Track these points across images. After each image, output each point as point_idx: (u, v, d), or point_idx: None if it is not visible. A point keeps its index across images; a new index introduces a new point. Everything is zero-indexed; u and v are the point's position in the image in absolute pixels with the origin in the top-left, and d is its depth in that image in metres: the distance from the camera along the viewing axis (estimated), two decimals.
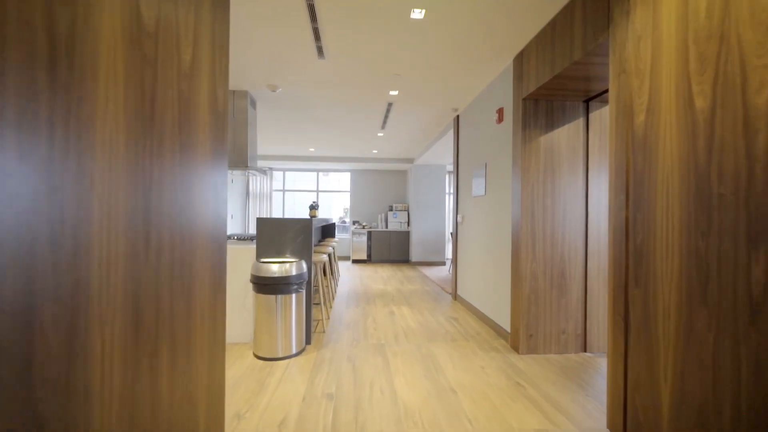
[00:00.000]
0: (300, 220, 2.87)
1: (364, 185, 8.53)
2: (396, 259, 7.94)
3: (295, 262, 2.68)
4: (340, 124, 4.94)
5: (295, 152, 7.07)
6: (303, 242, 2.87)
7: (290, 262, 2.70)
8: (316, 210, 4.67)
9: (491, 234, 3.32)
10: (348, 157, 7.53)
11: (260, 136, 5.64)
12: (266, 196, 8.14)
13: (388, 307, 4.05)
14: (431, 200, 7.61)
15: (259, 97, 3.83)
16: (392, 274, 6.47)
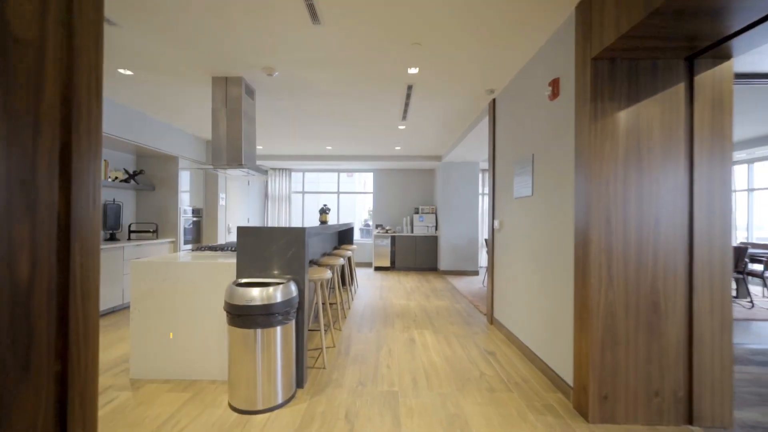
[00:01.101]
0: (291, 229, 2.26)
1: (387, 186, 7.88)
2: (422, 267, 7.20)
3: (282, 285, 2.07)
4: (354, 115, 4.32)
5: (311, 151, 6.57)
6: (295, 256, 2.26)
7: (275, 284, 2.10)
8: (326, 214, 4.08)
9: (541, 247, 2.53)
10: (369, 156, 6.91)
11: (270, 133, 5.16)
12: (285, 198, 7.73)
13: (409, 332, 3.35)
14: (462, 202, 6.80)
15: (257, 85, 3.30)
16: (417, 285, 5.75)
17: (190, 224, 5.06)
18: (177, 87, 3.37)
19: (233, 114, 3.09)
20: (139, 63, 2.86)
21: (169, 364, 2.31)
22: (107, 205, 4.19)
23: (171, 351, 2.31)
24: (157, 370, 2.31)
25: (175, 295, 2.31)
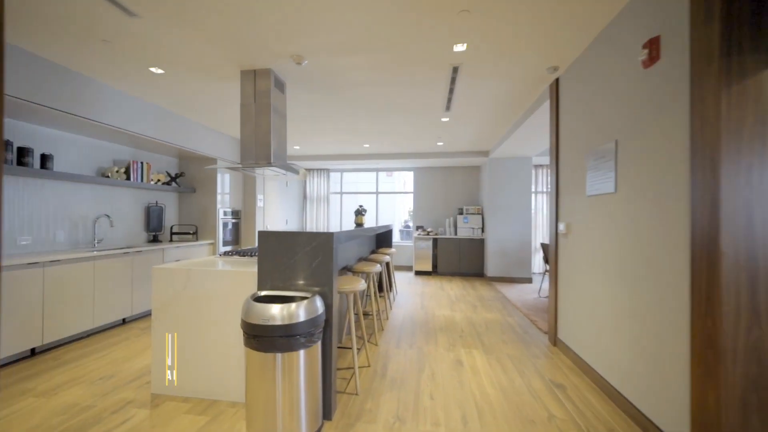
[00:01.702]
0: (317, 235, 1.95)
1: (428, 185, 7.43)
2: (467, 272, 6.65)
3: (306, 300, 1.77)
4: (392, 108, 3.96)
5: (348, 150, 6.33)
6: (322, 266, 1.94)
7: (299, 298, 1.80)
8: (363, 216, 3.76)
9: (630, 256, 1.97)
10: (409, 153, 6.52)
11: (305, 132, 4.98)
12: (323, 199, 7.61)
13: (455, 351, 2.91)
14: (512, 201, 6.14)
15: (287, 77, 3.07)
16: (463, 292, 5.24)
17: (229, 226, 5.04)
18: (208, 84, 3.25)
19: (262, 109, 2.88)
20: (167, 59, 2.75)
21: (189, 381, 2.12)
22: (150, 207, 4.25)
23: (191, 367, 2.11)
24: (178, 387, 2.13)
25: (196, 306, 2.11)
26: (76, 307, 2.94)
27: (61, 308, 2.83)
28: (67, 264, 2.87)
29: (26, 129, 3.02)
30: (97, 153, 3.65)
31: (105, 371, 2.47)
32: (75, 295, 2.94)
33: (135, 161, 3.95)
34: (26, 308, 2.60)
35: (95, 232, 3.59)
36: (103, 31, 2.34)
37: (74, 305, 2.93)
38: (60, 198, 3.28)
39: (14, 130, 2.92)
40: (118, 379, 2.36)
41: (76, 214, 3.43)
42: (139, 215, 4.18)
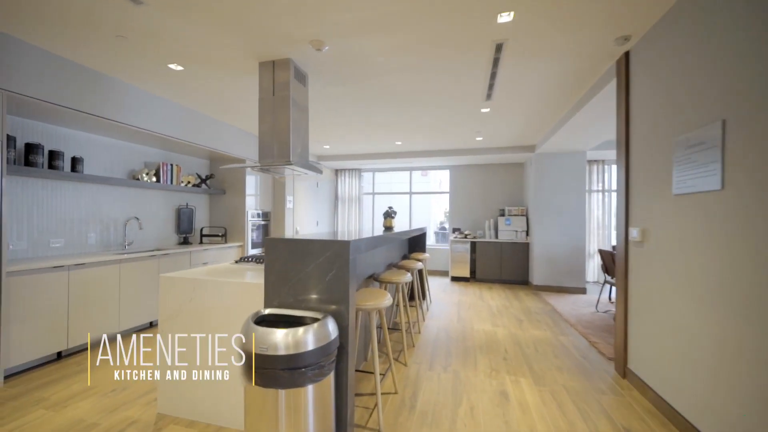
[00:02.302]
0: (331, 243, 1.64)
1: (466, 184, 6.91)
2: (509, 280, 6.06)
3: (317, 324, 1.47)
4: (424, 99, 3.57)
5: (379, 148, 6.02)
6: (337, 280, 1.63)
7: (309, 319, 1.51)
8: (392, 218, 3.43)
9: (748, 276, 1.43)
10: (444, 150, 6.08)
11: (331, 129, 4.74)
12: (354, 199, 7.38)
13: (498, 379, 2.47)
14: (563, 201, 5.47)
15: (308, 67, 2.82)
16: (505, 303, 4.71)
17: (259, 228, 4.95)
18: (228, 80, 3.10)
19: (281, 102, 2.65)
20: (184, 54, 2.61)
21: (196, 403, 1.91)
22: (180, 209, 4.24)
23: (198, 387, 1.90)
24: (183, 407, 1.93)
25: (203, 320, 1.89)
26: (101, 311, 2.91)
27: (87, 312, 2.80)
28: (92, 267, 2.84)
29: (59, 132, 3.05)
30: (128, 156, 3.67)
31: (119, 382, 2.36)
32: (101, 299, 2.90)
33: (165, 163, 3.94)
34: (52, 312, 2.58)
35: (125, 234, 3.60)
36: (115, 25, 2.22)
37: (100, 308, 2.90)
38: (91, 200, 3.31)
39: (46, 133, 2.95)
40: (130, 392, 2.23)
41: (107, 217, 3.45)
42: (170, 217, 4.19)
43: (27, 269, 2.43)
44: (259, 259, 2.47)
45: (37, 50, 2.47)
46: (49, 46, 2.48)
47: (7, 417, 1.96)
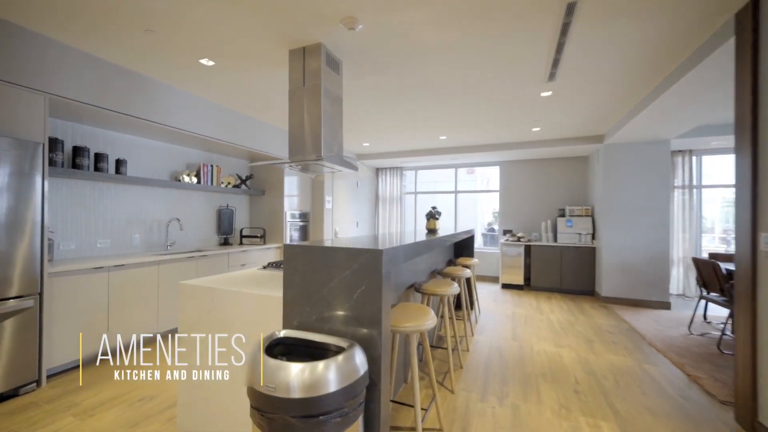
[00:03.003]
0: (359, 252, 1.32)
1: (518, 182, 6.26)
2: (572, 289, 5.32)
3: (341, 356, 1.16)
4: (473, 85, 3.13)
5: (422, 144, 5.63)
6: (367, 298, 1.31)
7: (332, 350, 1.20)
8: (436, 220, 3.04)
9: None
10: (494, 144, 5.51)
11: (372, 125, 4.46)
12: (396, 199, 7.06)
13: (571, 420, 1.98)
14: (640, 200, 4.65)
15: (342, 53, 2.55)
16: (569, 317, 4.07)
17: (298, 229, 4.83)
18: (260, 73, 2.94)
19: (311, 92, 2.40)
20: (213, 46, 2.47)
21: (215, 423, 1.70)
22: (221, 210, 4.24)
23: (218, 409, 1.70)
24: (203, 427, 1.74)
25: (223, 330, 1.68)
26: (140, 312, 2.90)
27: (126, 312, 2.80)
28: (131, 269, 2.84)
29: (104, 135, 3.12)
30: (170, 157, 3.70)
31: (149, 390, 2.26)
32: (139, 300, 2.90)
33: (205, 164, 3.94)
34: (93, 312, 2.59)
35: (168, 235, 3.63)
36: (142, 17, 2.12)
37: (139, 309, 2.89)
38: (135, 202, 3.36)
39: (92, 136, 3.02)
40: (156, 403, 2.12)
41: (150, 218, 3.50)
42: (212, 218, 4.20)
43: (68, 270, 2.45)
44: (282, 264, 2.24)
45: (77, 52, 2.48)
46: (87, 47, 2.48)
47: (39, 422, 1.92)
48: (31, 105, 2.25)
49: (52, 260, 2.70)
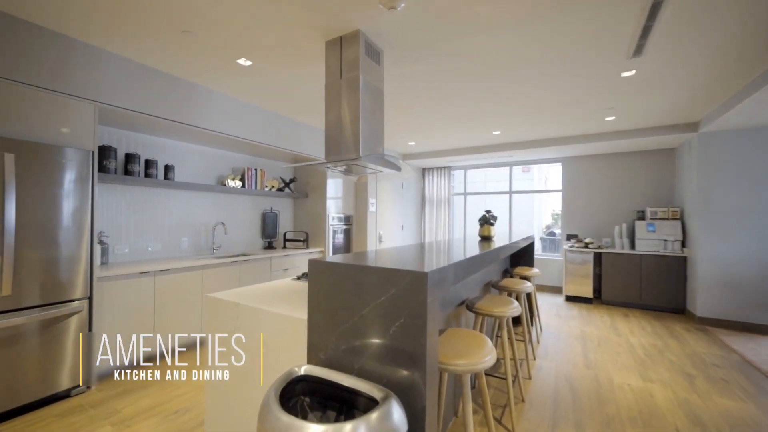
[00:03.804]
0: (396, 273, 1.03)
1: (585, 180, 5.50)
2: (655, 306, 4.50)
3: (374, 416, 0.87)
4: (534, 67, 2.67)
5: (472, 141, 5.17)
6: (407, 332, 1.02)
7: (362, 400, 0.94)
8: (491, 226, 2.64)
9: None
10: (557, 138, 4.88)
11: (418, 122, 4.14)
12: (443, 201, 6.65)
13: None
14: (749, 200, 3.76)
15: (383, 40, 2.28)
16: (656, 342, 3.38)
17: (341, 232, 4.68)
18: (298, 68, 2.79)
19: (349, 85, 2.17)
20: (249, 44, 2.36)
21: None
22: (265, 214, 4.22)
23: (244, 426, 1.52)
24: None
25: (245, 353, 1.50)
26: (184, 317, 2.91)
27: (171, 317, 2.82)
28: (176, 273, 2.86)
29: (153, 142, 3.20)
30: (216, 162, 3.75)
31: (185, 401, 2.20)
32: (183, 305, 2.91)
33: (249, 168, 3.94)
34: (139, 316, 2.63)
35: (214, 238, 3.66)
36: (177, 18, 2.06)
37: (182, 315, 2.90)
38: (183, 206, 3.42)
39: (143, 143, 3.11)
40: (190, 417, 2.03)
41: (197, 222, 3.55)
42: (256, 222, 4.20)
43: (116, 275, 2.50)
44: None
45: (120, 59, 2.52)
46: (130, 53, 2.50)
47: (81, 429, 1.91)
48: (81, 114, 2.31)
49: (107, 263, 2.80)
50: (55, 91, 2.20)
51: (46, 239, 2.13)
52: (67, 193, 2.22)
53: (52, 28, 2.17)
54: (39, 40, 2.14)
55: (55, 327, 2.17)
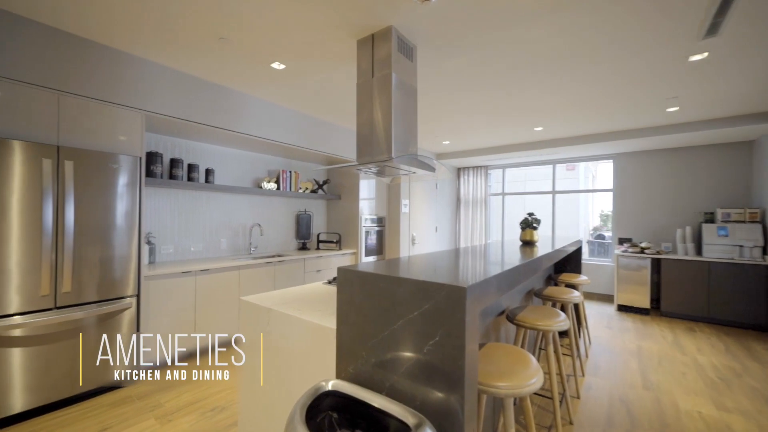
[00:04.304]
0: (432, 287, 0.93)
1: (641, 178, 5.00)
2: (727, 320, 3.97)
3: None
4: (585, 53, 2.43)
5: (513, 138, 4.89)
6: (443, 351, 0.91)
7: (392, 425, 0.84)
8: (534, 230, 2.45)
9: None
10: (608, 133, 4.48)
11: (452, 120, 3.98)
12: (479, 201, 6.39)
13: None
14: None
15: (417, 36, 2.18)
16: (732, 363, 2.95)
17: (373, 234, 4.64)
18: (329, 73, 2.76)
19: (381, 83, 2.10)
20: (283, 48, 2.37)
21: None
22: (299, 216, 4.28)
23: None
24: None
25: (280, 362, 1.48)
26: (222, 316, 3.00)
27: (210, 315, 2.92)
28: (215, 273, 2.95)
29: (195, 147, 3.35)
30: (252, 165, 3.85)
31: (222, 399, 2.25)
32: (221, 304, 3.00)
33: (284, 170, 4.01)
34: (181, 313, 2.75)
35: (251, 239, 3.76)
36: (213, 25, 2.10)
37: (221, 313, 3.00)
38: (222, 209, 3.55)
39: (186, 148, 3.26)
40: (225, 416, 2.07)
41: (235, 223, 3.67)
42: (291, 223, 4.27)
43: (161, 274, 2.62)
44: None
45: (162, 67, 2.64)
46: (171, 62, 2.61)
47: (128, 420, 2.01)
48: (130, 122, 2.45)
49: (154, 263, 2.96)
50: (107, 102, 2.34)
51: (101, 239, 2.28)
52: (119, 197, 2.36)
53: (103, 42, 2.32)
54: (92, 54, 2.30)
55: (108, 322, 2.32)
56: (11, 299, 1.96)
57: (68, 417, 2.05)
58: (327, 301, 1.64)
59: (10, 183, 1.96)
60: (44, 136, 2.10)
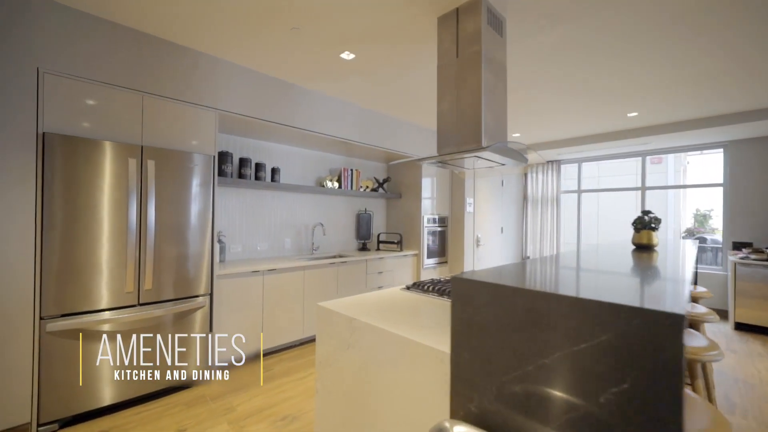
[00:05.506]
0: (617, 310, 0.64)
1: (762, 170, 4.11)
2: None
3: None
4: (703, 16, 1.92)
5: (598, 127, 4.29)
6: (636, 403, 0.62)
7: None
8: (653, 230, 2.00)
9: None
10: (718, 117, 3.73)
11: (527, 107, 3.55)
12: (550, 200, 5.79)
13: None
14: None
15: (507, 7, 1.88)
16: None
17: (434, 234, 4.36)
18: (401, 60, 2.56)
19: (469, 63, 1.83)
20: (355, 35, 2.21)
21: None
22: (360, 215, 4.15)
23: None
24: None
25: (367, 385, 1.29)
26: (288, 316, 2.95)
27: (276, 316, 2.88)
28: (281, 273, 2.90)
29: (262, 146, 3.35)
30: (315, 163, 3.79)
31: (292, 407, 2.14)
32: (287, 304, 2.95)
33: (346, 169, 3.90)
34: (250, 314, 2.72)
35: (313, 239, 3.70)
36: (287, 15, 2.00)
37: (287, 313, 2.94)
38: (287, 208, 3.52)
39: (254, 148, 3.27)
40: (297, 426, 1.94)
41: (299, 223, 3.63)
42: (351, 223, 4.16)
43: (232, 273, 2.61)
44: (441, 288, 1.71)
45: (236, 67, 2.63)
46: (241, 59, 2.59)
47: (203, 422, 1.98)
48: (205, 121, 2.46)
49: (224, 261, 2.99)
50: (185, 101, 2.37)
51: (178, 238, 2.31)
52: (194, 196, 2.37)
53: (181, 42, 2.34)
54: (172, 55, 2.33)
55: (184, 320, 2.33)
56: (102, 295, 2.03)
57: (149, 414, 2.07)
58: (417, 312, 1.42)
59: (101, 183, 2.03)
60: (130, 136, 2.15)
